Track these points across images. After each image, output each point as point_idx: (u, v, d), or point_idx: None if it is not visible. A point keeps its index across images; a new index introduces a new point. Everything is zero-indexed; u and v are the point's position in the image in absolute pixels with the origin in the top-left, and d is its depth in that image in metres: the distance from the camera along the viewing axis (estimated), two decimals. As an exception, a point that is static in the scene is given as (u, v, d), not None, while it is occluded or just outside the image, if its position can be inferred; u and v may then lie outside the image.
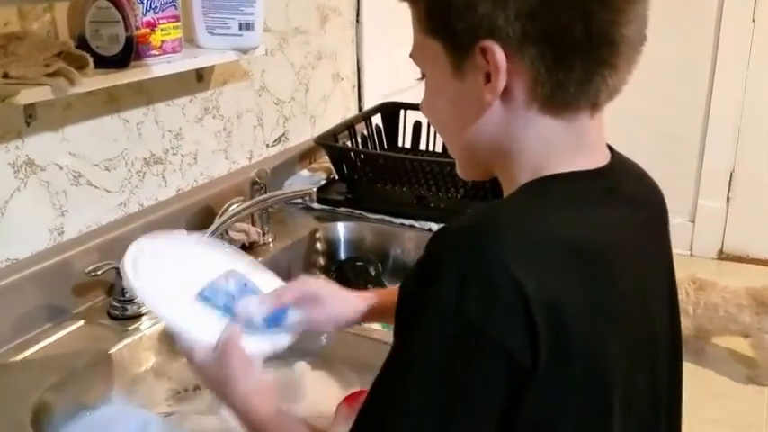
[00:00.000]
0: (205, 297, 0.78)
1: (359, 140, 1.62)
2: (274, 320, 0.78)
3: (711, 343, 2.40)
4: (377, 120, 1.70)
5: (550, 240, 0.54)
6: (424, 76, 0.64)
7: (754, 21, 2.92)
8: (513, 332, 0.50)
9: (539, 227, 0.54)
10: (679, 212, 3.15)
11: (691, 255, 3.17)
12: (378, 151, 1.66)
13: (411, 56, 0.64)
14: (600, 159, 0.63)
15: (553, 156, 0.60)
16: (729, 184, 3.13)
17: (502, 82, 0.57)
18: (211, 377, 0.73)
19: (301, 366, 1.02)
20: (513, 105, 0.58)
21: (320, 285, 0.85)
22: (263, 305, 0.79)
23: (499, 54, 0.56)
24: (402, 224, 1.42)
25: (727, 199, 3.15)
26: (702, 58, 3.03)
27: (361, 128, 1.65)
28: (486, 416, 0.51)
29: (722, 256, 3.21)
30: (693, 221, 3.20)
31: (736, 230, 3.17)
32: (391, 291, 0.92)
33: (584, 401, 0.54)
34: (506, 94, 0.58)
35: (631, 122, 3.06)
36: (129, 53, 1.04)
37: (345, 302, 0.84)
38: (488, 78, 0.57)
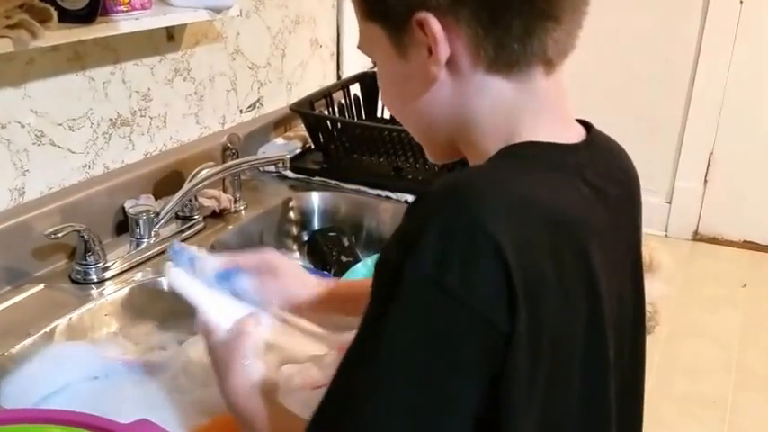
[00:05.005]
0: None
1: (336, 109, 1.59)
2: (224, 277, 0.78)
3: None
4: (355, 89, 1.67)
5: (529, 206, 0.52)
6: (375, 65, 0.64)
7: (741, 2, 2.91)
8: (493, 301, 0.49)
9: (517, 191, 0.53)
10: (656, 193, 3.16)
11: (666, 236, 3.20)
12: (355, 121, 1.63)
13: (358, 46, 0.63)
14: (573, 135, 0.61)
15: (516, 122, 0.58)
16: (708, 167, 3.15)
17: (443, 52, 0.56)
18: (216, 360, 0.70)
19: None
20: (461, 73, 0.57)
21: (282, 260, 0.81)
22: (217, 261, 0.78)
23: (435, 24, 0.55)
24: (378, 195, 1.39)
25: (705, 181, 3.17)
26: (688, 39, 3.02)
27: (338, 97, 1.61)
28: (469, 386, 0.50)
29: (697, 237, 3.24)
30: (670, 202, 3.22)
31: (712, 213, 3.19)
32: (352, 282, 0.91)
33: (548, 373, 0.52)
34: (451, 64, 0.57)
35: (613, 101, 3.05)
36: (96, 8, 1.00)
37: (302, 282, 0.81)
38: (431, 52, 0.56)
